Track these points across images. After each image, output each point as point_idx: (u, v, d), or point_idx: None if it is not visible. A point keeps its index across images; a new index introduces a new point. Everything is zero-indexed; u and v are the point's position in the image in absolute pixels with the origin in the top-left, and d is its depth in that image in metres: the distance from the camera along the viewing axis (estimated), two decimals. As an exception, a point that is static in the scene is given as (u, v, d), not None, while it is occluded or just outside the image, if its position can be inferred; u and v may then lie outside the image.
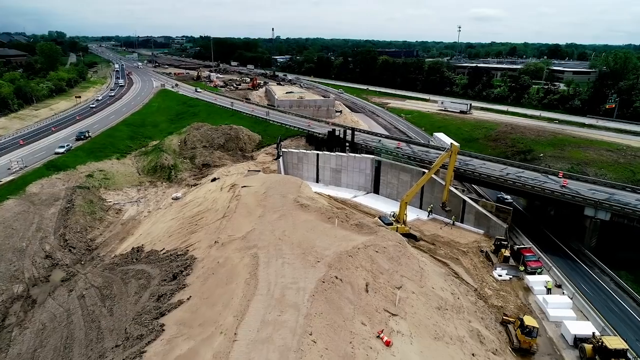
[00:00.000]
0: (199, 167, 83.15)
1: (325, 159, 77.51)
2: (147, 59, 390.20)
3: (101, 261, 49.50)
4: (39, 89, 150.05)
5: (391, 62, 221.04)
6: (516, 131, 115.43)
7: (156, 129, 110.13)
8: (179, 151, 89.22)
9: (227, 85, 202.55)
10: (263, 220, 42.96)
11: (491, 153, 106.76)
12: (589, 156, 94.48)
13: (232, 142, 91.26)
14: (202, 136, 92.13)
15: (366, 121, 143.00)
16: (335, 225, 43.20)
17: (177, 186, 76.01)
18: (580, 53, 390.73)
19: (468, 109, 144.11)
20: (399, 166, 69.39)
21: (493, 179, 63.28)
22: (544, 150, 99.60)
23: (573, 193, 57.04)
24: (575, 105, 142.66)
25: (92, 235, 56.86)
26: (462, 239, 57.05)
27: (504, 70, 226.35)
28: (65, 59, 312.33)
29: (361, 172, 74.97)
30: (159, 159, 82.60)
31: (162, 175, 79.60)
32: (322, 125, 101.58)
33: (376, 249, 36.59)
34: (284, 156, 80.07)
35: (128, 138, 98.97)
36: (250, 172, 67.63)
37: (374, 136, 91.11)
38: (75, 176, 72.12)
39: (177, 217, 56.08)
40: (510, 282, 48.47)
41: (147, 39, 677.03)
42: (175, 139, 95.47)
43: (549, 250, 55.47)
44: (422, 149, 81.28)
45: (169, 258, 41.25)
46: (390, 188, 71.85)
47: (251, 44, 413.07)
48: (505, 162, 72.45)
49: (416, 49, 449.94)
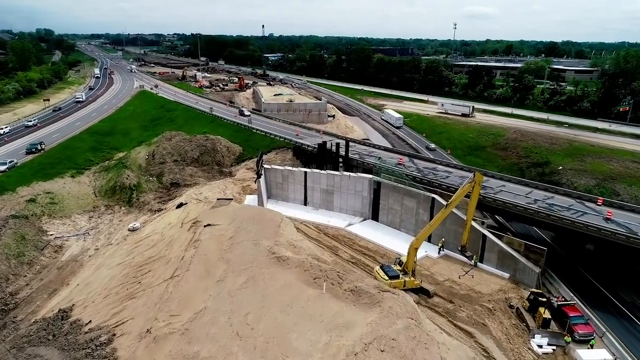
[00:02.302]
0: (166, 186, 70.84)
1: (315, 178, 65.55)
2: (133, 57, 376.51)
3: (15, 330, 37.32)
4: (5, 91, 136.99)
5: (387, 61, 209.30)
6: (527, 138, 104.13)
7: (126, 138, 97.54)
8: (145, 167, 76.84)
9: (213, 86, 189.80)
10: (222, 289, 31.01)
11: (502, 165, 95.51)
12: (614, 169, 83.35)
13: (207, 155, 79.03)
14: (174, 148, 79.84)
15: (361, 126, 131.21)
16: (324, 292, 31.36)
17: (138, 212, 63.75)
18: (578, 51, 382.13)
19: (470, 112, 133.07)
20: (402, 189, 57.58)
21: (520, 209, 51.58)
22: (563, 162, 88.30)
23: (626, 232, 45.39)
24: (584, 107, 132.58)
25: (15, 287, 44.53)
26: (484, 286, 45.41)
27: (503, 69, 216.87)
28: (49, 57, 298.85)
29: (357, 194, 63.13)
30: (119, 177, 70.18)
31: (122, 197, 67.27)
32: (313, 134, 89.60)
33: (382, 346, 24.76)
34: (266, 174, 68.09)
35: (90, 150, 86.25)
36: (220, 202, 55.44)
37: (372, 148, 79.23)
38: (12, 202, 59.66)
39: (124, 263, 44.02)
40: (554, 355, 36.91)
41: (137, 36, 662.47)
42: (144, 151, 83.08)
43: (594, 304, 43.89)
44: (428, 166, 69.60)
45: (87, 346, 29.27)
46: (392, 215, 60.08)
47: (242, 42, 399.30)
48: (529, 184, 60.73)
49: (411, 47, 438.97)
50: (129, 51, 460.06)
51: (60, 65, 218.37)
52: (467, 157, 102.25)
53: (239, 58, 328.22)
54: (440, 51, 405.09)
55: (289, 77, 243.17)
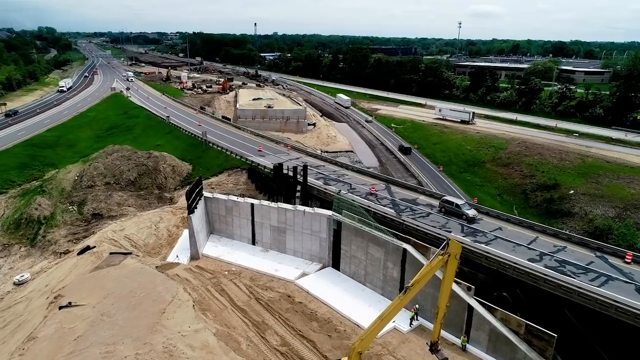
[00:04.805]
0: (86, 218, 57.69)
1: (264, 213, 52.15)
2: (125, 56, 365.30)
3: None
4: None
5: (384, 61, 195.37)
6: (532, 152, 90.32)
7: (70, 151, 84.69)
8: (69, 191, 63.76)
9: (195, 88, 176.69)
10: None
11: (503, 186, 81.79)
12: (636, 194, 69.62)
13: (147, 176, 65.90)
14: (107, 168, 66.73)
15: (348, 134, 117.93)
16: None
17: (40, 254, 50.67)
18: (587, 51, 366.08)
19: (470, 119, 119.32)
20: (367, 234, 44.00)
21: (521, 272, 37.73)
22: (574, 184, 74.48)
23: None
24: (597, 113, 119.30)
25: None
26: (467, 387, 31.95)
27: (509, 70, 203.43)
28: (41, 56, 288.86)
29: (314, 235, 49.68)
30: (28, 207, 57.20)
31: (26, 233, 54.31)
32: (279, 150, 76.10)
33: None
34: (207, 204, 54.96)
35: (18, 166, 73.38)
36: (111, 258, 42.23)
37: (344, 170, 65.58)
38: None
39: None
40: None
41: (139, 35, 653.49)
42: (76, 170, 70.10)
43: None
44: (407, 196, 55.90)
45: None
46: (355, 265, 46.61)
47: (240, 41, 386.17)
48: (534, 226, 46.82)
49: (415, 46, 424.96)
50: (125, 49, 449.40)
51: (36, 66, 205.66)
52: (462, 174, 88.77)
53: (235, 57, 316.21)
54: (444, 50, 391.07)
55: (282, 78, 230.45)
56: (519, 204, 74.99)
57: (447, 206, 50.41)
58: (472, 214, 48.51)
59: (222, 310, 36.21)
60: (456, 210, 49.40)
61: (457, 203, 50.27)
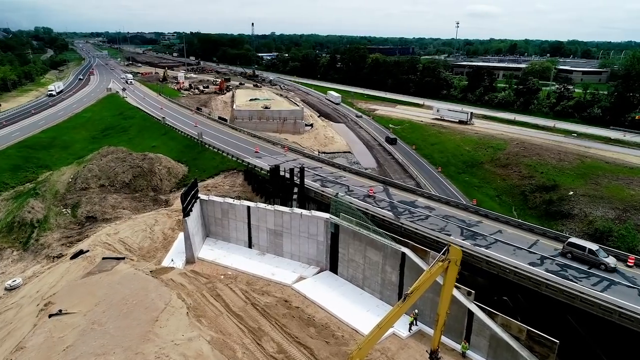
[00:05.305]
0: (80, 221, 56.84)
1: (260, 216, 51.41)
2: (125, 55, 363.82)
3: None
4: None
5: (382, 61, 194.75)
6: (531, 152, 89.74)
7: (64, 153, 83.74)
8: (63, 194, 62.84)
9: (192, 88, 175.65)
10: None
11: (502, 187, 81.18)
12: (635, 196, 68.98)
13: (142, 178, 65.03)
14: (102, 170, 65.82)
15: (346, 135, 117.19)
16: None
17: (33, 258, 49.83)
18: (584, 50, 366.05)
19: (469, 119, 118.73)
20: (365, 237, 43.33)
21: (522, 276, 37.09)
22: (573, 185, 73.90)
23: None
24: (595, 113, 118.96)
25: None
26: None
27: (506, 70, 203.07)
28: (37, 56, 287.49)
29: (311, 238, 48.96)
30: (20, 210, 56.30)
31: (19, 237, 53.42)
32: (276, 151, 75.33)
33: None
34: (203, 207, 54.16)
35: (11, 168, 72.46)
36: (105, 262, 41.37)
37: (342, 172, 64.83)
38: None
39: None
40: None
41: (136, 35, 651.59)
42: (70, 172, 69.18)
43: None
44: (405, 198, 55.24)
45: None
46: (352, 269, 45.91)
47: (238, 41, 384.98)
48: (534, 229, 46.20)
49: (412, 46, 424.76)
50: (122, 50, 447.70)
51: (32, 66, 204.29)
52: (461, 175, 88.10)
53: (232, 57, 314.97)
54: (442, 50, 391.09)
55: (280, 78, 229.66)
56: (518, 205, 74.35)
57: (577, 251, 39.88)
58: (613, 263, 38.43)
59: (217, 316, 35.45)
60: (590, 257, 39.01)
61: (590, 249, 39.43)
